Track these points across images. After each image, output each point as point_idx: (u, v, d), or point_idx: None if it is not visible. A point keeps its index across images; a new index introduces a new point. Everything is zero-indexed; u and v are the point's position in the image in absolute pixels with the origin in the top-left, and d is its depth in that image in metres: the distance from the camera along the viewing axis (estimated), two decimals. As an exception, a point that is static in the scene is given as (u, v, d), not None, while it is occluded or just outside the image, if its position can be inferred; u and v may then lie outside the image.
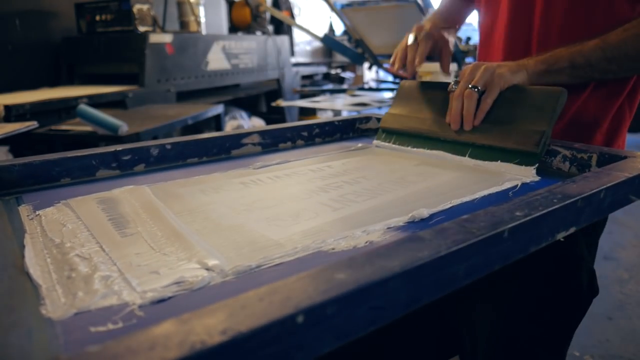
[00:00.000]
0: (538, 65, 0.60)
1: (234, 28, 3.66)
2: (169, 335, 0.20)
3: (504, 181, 0.51)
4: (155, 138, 1.64)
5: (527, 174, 0.53)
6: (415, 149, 0.67)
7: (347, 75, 5.16)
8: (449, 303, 0.60)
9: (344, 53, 3.43)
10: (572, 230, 0.38)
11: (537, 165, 0.54)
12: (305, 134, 0.75)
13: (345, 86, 4.41)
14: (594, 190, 0.39)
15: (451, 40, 0.76)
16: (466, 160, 0.60)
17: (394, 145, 0.70)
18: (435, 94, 0.69)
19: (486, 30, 0.75)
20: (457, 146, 0.62)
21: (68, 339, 0.26)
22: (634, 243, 1.92)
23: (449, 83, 0.68)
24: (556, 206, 0.35)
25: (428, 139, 0.66)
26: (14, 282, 0.32)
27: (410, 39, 0.72)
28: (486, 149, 0.59)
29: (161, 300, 0.29)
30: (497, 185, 0.50)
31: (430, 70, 2.02)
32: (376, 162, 0.63)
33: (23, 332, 0.26)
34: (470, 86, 0.59)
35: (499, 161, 0.57)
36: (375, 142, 0.73)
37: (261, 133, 0.70)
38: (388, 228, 0.40)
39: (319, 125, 0.76)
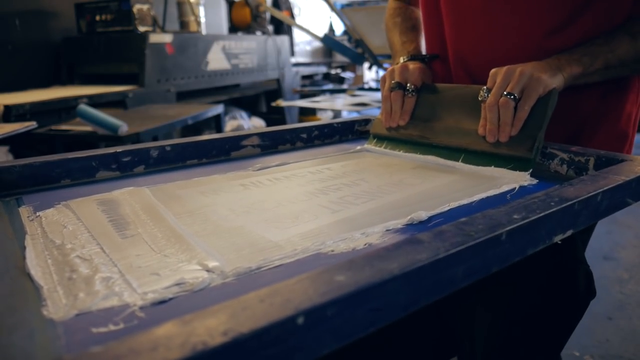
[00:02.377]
0: (574, 68, 0.56)
1: (234, 28, 3.67)
2: (171, 336, 0.21)
3: (502, 184, 0.51)
4: (155, 138, 1.64)
5: (522, 179, 0.53)
6: (407, 154, 0.66)
7: (347, 75, 5.16)
8: (448, 305, 0.60)
9: (344, 53, 3.43)
10: (569, 233, 0.38)
11: (531, 170, 0.53)
12: (304, 136, 0.75)
13: (345, 86, 4.42)
14: (591, 194, 0.39)
15: (430, 74, 0.71)
16: (459, 165, 0.59)
17: (385, 150, 0.69)
18: (427, 98, 0.67)
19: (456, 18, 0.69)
20: (449, 152, 0.61)
21: (70, 339, 0.26)
22: (634, 243, 1.92)
23: (438, 86, 0.66)
24: (553, 209, 0.36)
25: (420, 144, 0.65)
26: (16, 283, 0.32)
27: (394, 84, 0.67)
28: (479, 155, 0.58)
29: (162, 302, 0.30)
30: (495, 188, 0.50)
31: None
32: (375, 165, 0.63)
33: (25, 333, 0.26)
34: (505, 93, 0.55)
35: (493, 166, 0.56)
36: (365, 146, 0.72)
37: (260, 135, 0.70)
38: (387, 230, 0.40)
39: (318, 127, 0.77)
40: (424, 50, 0.76)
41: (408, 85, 0.67)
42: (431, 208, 0.44)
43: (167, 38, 2.45)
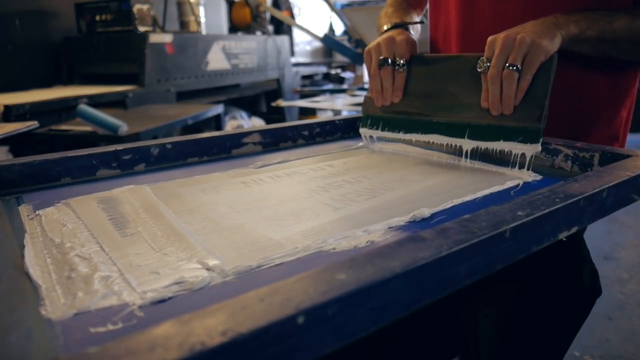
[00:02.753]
0: (571, 27, 0.54)
1: (234, 28, 3.66)
2: (168, 337, 0.20)
3: (506, 180, 0.51)
4: (155, 138, 1.64)
5: (534, 150, 0.52)
6: (407, 135, 0.62)
7: (347, 75, 5.16)
8: (451, 303, 0.60)
9: (344, 53, 3.43)
10: (574, 230, 0.38)
11: (541, 140, 0.52)
12: (306, 133, 0.75)
13: (345, 86, 4.41)
14: (597, 190, 0.39)
15: (416, 43, 0.67)
16: (466, 142, 0.56)
17: (384, 133, 0.65)
18: (419, 71, 0.63)
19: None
20: (452, 128, 0.58)
21: (68, 339, 0.26)
22: (634, 243, 1.91)
23: (428, 57, 0.63)
24: (558, 206, 0.35)
25: (419, 122, 0.61)
26: (14, 282, 0.32)
27: (381, 60, 0.63)
28: (484, 129, 0.55)
29: (161, 301, 0.29)
30: (499, 184, 0.50)
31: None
32: (377, 161, 0.63)
33: (23, 333, 0.26)
34: (507, 65, 0.53)
35: (502, 140, 0.54)
36: (360, 130, 0.68)
37: (262, 132, 0.70)
38: (389, 228, 0.40)
39: (319, 124, 0.76)
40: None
41: (397, 59, 0.63)
42: (434, 205, 0.44)
43: (167, 38, 2.45)
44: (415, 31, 0.74)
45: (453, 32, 0.71)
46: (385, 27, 0.69)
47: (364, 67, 4.43)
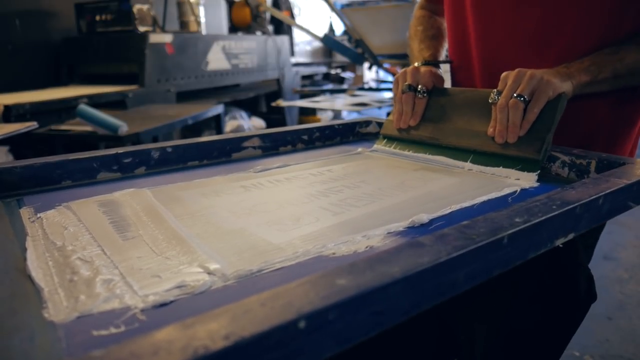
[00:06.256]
0: (582, 76, 0.57)
1: (234, 28, 3.67)
2: (172, 340, 0.21)
3: (504, 187, 0.51)
4: (155, 138, 1.64)
5: (528, 180, 0.53)
6: (415, 154, 0.67)
7: (347, 75, 5.17)
8: (448, 307, 0.60)
9: (344, 53, 3.43)
10: (570, 236, 0.38)
11: (539, 171, 0.54)
12: (305, 137, 0.75)
13: (345, 86, 4.42)
14: (593, 197, 0.39)
15: (445, 77, 0.72)
16: (468, 165, 0.60)
17: (394, 150, 0.70)
18: (438, 101, 0.68)
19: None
20: (458, 152, 0.62)
21: (70, 342, 0.26)
22: (634, 243, 1.92)
23: (449, 89, 0.67)
24: (555, 212, 0.36)
25: (429, 145, 0.66)
26: (16, 285, 0.32)
27: (405, 87, 0.68)
28: (488, 156, 0.59)
29: (163, 304, 0.30)
30: (497, 191, 0.50)
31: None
32: (376, 167, 0.63)
33: (26, 336, 0.26)
34: (515, 95, 0.55)
35: (501, 167, 0.56)
36: (375, 146, 0.73)
37: (261, 136, 0.70)
38: (388, 233, 0.40)
39: (319, 128, 0.77)
40: (442, 58, 0.76)
41: (419, 87, 0.68)
42: (433, 211, 0.44)
43: (167, 38, 2.45)
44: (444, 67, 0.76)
45: (472, 40, 0.72)
46: (416, 64, 0.72)
47: (364, 67, 4.43)
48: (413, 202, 0.48)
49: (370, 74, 5.10)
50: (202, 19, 2.93)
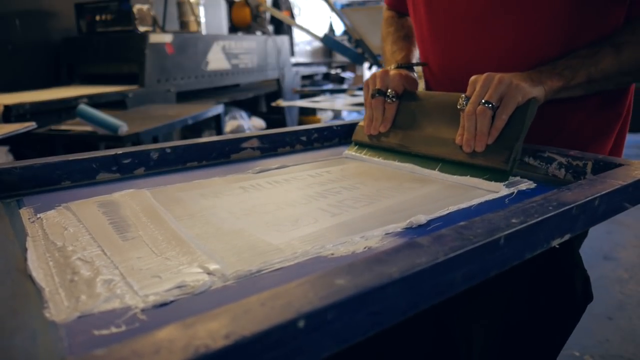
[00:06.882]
0: (554, 81, 0.55)
1: (234, 28, 3.67)
2: (173, 339, 0.21)
3: (500, 188, 0.52)
4: (155, 138, 1.64)
5: (497, 189, 0.51)
6: (385, 161, 0.65)
7: (347, 75, 5.16)
8: (445, 308, 0.61)
9: (344, 53, 3.43)
10: (566, 237, 0.39)
11: (507, 181, 0.52)
12: (304, 138, 0.75)
13: (345, 86, 4.42)
14: (589, 198, 0.40)
15: (419, 82, 0.70)
16: (435, 174, 0.58)
17: (364, 157, 0.68)
18: (408, 106, 0.66)
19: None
20: (427, 161, 0.60)
21: (72, 342, 0.26)
22: (634, 243, 1.92)
23: (419, 93, 0.66)
24: (551, 213, 0.36)
25: (398, 153, 0.64)
26: (17, 285, 0.33)
27: (374, 91, 0.66)
28: (456, 164, 0.57)
29: (163, 304, 0.30)
30: (494, 192, 0.50)
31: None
32: (374, 169, 0.63)
33: (27, 335, 0.27)
34: (483, 101, 0.53)
35: (469, 176, 0.55)
36: (345, 152, 0.71)
37: (260, 137, 0.70)
38: (386, 234, 0.40)
39: (317, 130, 0.77)
40: (415, 59, 0.75)
41: (389, 91, 0.66)
42: (430, 212, 0.45)
43: (167, 38, 2.45)
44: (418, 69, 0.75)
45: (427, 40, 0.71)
46: (389, 68, 0.71)
47: (364, 67, 4.42)
48: (411, 203, 0.48)
49: (370, 74, 5.09)
50: (202, 19, 2.93)
